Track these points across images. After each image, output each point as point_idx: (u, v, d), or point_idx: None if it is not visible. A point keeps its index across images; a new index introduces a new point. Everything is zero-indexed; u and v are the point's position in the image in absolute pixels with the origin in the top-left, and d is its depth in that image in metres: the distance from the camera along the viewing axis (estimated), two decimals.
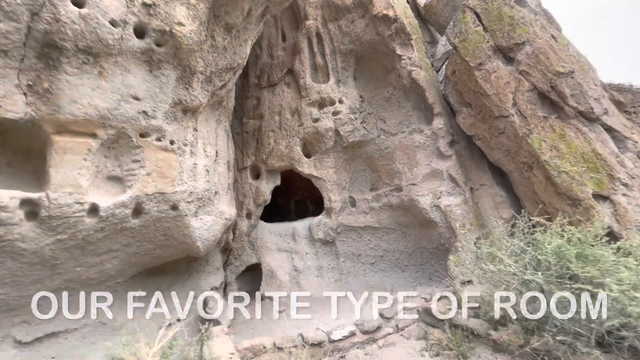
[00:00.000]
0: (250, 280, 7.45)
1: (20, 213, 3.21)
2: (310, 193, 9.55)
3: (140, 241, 4.51)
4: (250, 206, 7.08)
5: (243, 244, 7.11)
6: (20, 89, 3.08)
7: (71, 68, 3.27)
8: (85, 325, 4.53)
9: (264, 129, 7.38)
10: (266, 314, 5.57)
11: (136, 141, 3.97)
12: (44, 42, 3.06)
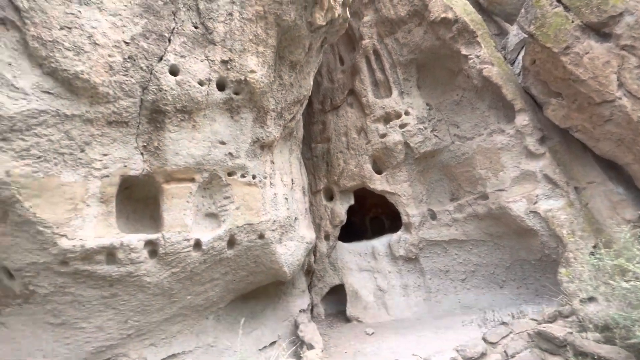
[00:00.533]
0: (336, 300, 7.50)
1: (145, 252, 3.83)
2: (384, 209, 9.35)
3: (235, 269, 4.94)
4: (327, 228, 7.23)
5: (324, 265, 7.25)
6: (138, 150, 3.75)
7: (172, 126, 3.87)
8: (198, 347, 5.07)
9: (332, 151, 7.58)
10: (356, 337, 5.51)
11: (225, 180, 4.45)
12: (152, 109, 3.69)
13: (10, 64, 2.92)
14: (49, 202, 3.22)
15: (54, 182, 3.24)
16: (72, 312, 3.81)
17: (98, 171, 3.49)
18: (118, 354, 4.44)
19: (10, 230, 3.25)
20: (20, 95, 2.96)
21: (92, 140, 3.42)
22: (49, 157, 3.20)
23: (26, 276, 3.46)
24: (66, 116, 3.21)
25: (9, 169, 2.99)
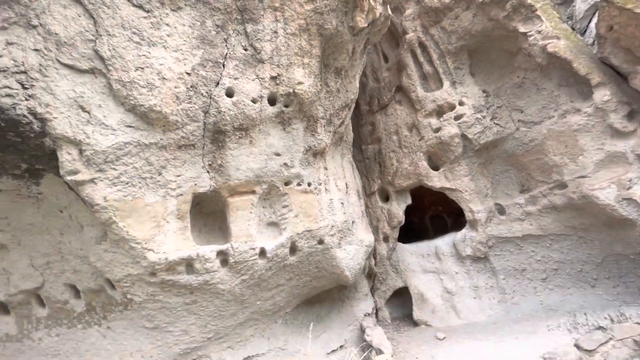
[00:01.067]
0: (400, 304, 7.30)
1: (217, 262, 4.16)
2: (445, 206, 8.88)
3: (298, 275, 5.11)
4: (385, 229, 7.10)
5: (386, 268, 7.11)
6: (205, 169, 4.11)
7: (232, 144, 4.17)
8: (270, 350, 5.33)
9: (384, 152, 7.44)
10: (426, 341, 5.29)
11: (283, 190, 4.64)
12: (214, 130, 4.02)
13: (100, 105, 3.43)
14: (137, 221, 3.69)
15: (140, 203, 3.70)
16: (162, 317, 4.28)
17: (173, 191, 3.90)
18: (201, 355, 4.86)
19: (109, 247, 3.79)
20: (110, 131, 3.45)
21: (167, 164, 3.84)
22: (135, 182, 3.67)
23: (124, 286, 3.99)
24: (145, 145, 3.65)
25: (106, 195, 3.50)
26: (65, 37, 3.20)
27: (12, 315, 4.40)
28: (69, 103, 3.26)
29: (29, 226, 3.92)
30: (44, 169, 3.52)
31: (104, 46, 3.34)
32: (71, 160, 3.34)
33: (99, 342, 4.49)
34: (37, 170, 3.53)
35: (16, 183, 3.59)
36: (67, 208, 3.79)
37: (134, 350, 4.51)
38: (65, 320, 4.39)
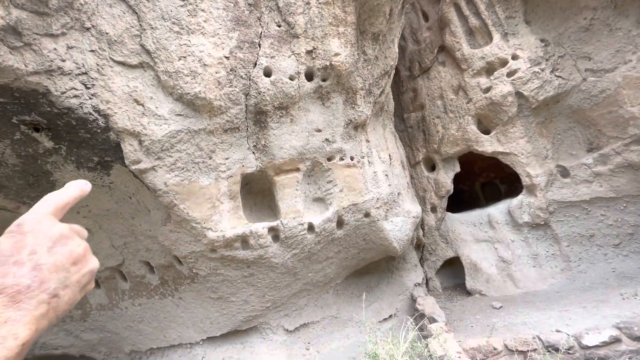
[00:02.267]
0: (451, 274, 7.17)
1: (269, 238, 4.38)
2: (497, 172, 8.32)
3: (346, 248, 5.21)
4: (432, 199, 6.88)
5: (435, 238, 6.96)
6: (250, 150, 4.25)
7: (273, 123, 4.24)
8: (323, 318, 5.62)
9: (428, 119, 7.07)
10: (481, 310, 5.18)
11: (326, 165, 4.67)
12: (255, 111, 4.11)
13: (152, 97, 3.65)
14: (195, 203, 3.98)
15: (195, 186, 3.97)
16: (224, 288, 4.69)
17: (224, 173, 4.11)
18: (262, 322, 5.28)
19: (174, 227, 4.17)
20: (162, 121, 3.69)
21: (216, 148, 4.03)
22: (189, 167, 3.92)
23: (190, 262, 4.40)
24: (195, 131, 3.85)
25: (166, 181, 3.80)
26: (115, 35, 3.40)
27: (102, 289, 5.11)
28: (125, 98, 3.52)
29: (106, 212, 4.43)
30: (112, 161, 3.90)
31: (148, 40, 3.50)
32: (133, 151, 3.64)
33: (174, 310, 5.07)
34: (106, 162, 3.91)
35: (91, 175, 4.03)
36: (135, 194, 4.19)
37: (204, 317, 5.04)
38: (144, 292, 4.99)
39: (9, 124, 3.43)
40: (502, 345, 3.32)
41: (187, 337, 5.21)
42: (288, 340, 5.34)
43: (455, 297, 6.28)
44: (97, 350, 5.76)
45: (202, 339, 5.20)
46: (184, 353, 5.38)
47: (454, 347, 3.45)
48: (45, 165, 3.88)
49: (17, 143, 3.61)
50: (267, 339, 5.28)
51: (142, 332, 5.34)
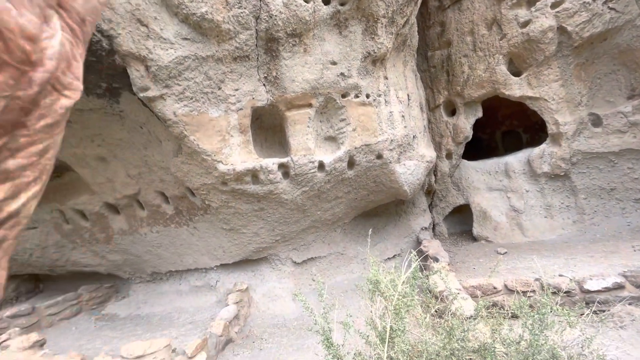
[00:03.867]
0: (459, 221, 7.23)
1: (279, 174, 4.39)
2: (522, 120, 7.86)
3: (356, 188, 5.21)
4: (449, 145, 6.64)
5: (446, 185, 6.88)
6: (261, 82, 4.04)
7: (286, 53, 3.95)
8: (330, 254, 5.87)
9: (454, 57, 6.49)
10: (485, 255, 5.29)
11: (340, 102, 4.45)
12: (266, 38, 3.81)
13: (156, 17, 3.39)
14: (205, 135, 3.93)
15: (205, 118, 3.89)
16: (236, 221, 4.86)
17: (233, 105, 3.98)
18: (272, 254, 5.57)
19: (185, 159, 4.19)
20: (168, 45, 3.47)
21: (225, 78, 3.85)
22: (198, 97, 3.79)
23: (202, 193, 4.51)
24: (202, 58, 3.64)
25: (175, 110, 3.72)
26: None
27: (122, 215, 5.39)
28: (128, 17, 3.28)
29: (118, 141, 4.46)
30: (120, 87, 3.79)
31: None
32: (140, 77, 3.51)
33: (189, 238, 5.37)
34: (115, 88, 3.81)
35: (101, 102, 3.96)
36: (146, 124, 4.16)
37: (217, 246, 5.34)
38: (161, 220, 5.25)
39: None
40: (502, 285, 3.41)
41: (202, 263, 5.60)
42: (296, 271, 5.68)
43: (460, 243, 6.40)
44: (122, 269, 6.31)
45: (216, 265, 5.58)
46: (199, 277, 5.83)
47: (454, 283, 3.58)
48: None
49: None
50: (276, 269, 5.62)
51: (161, 256, 5.75)
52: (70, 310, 5.77)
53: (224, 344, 3.89)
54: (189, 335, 4.26)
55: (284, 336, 4.09)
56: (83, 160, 4.74)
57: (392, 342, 1.87)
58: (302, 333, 4.11)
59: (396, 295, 1.89)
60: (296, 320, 4.57)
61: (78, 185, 5.29)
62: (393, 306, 1.83)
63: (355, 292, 5.18)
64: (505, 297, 3.27)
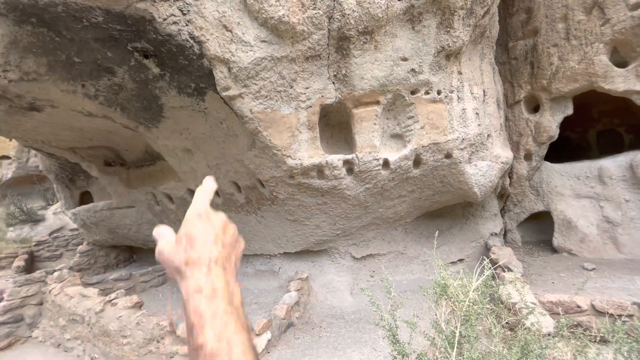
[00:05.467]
0: (535, 229, 6.56)
1: (344, 170, 4.48)
2: (624, 119, 6.75)
3: (421, 188, 5.07)
4: (529, 145, 6.03)
5: (523, 189, 6.27)
6: (330, 80, 4.15)
7: (356, 51, 3.99)
8: (390, 252, 5.83)
9: (540, 47, 5.83)
10: (567, 269, 4.73)
11: (408, 99, 4.35)
12: (338, 37, 3.89)
13: (239, 23, 3.70)
14: (277, 131, 4.19)
15: (277, 115, 4.14)
16: (300, 213, 5.11)
17: (303, 103, 4.16)
18: (331, 247, 5.73)
19: (258, 153, 4.52)
20: (248, 48, 3.77)
21: (297, 77, 4.04)
22: (272, 95, 4.05)
23: (270, 185, 4.83)
24: (277, 59, 3.87)
25: (251, 108, 4.03)
26: None
27: None
28: (215, 24, 3.64)
29: (202, 135, 4.99)
30: (206, 87, 4.23)
31: None
32: (223, 77, 3.87)
33: (256, 226, 5.79)
34: (201, 88, 4.27)
35: (190, 100, 4.48)
36: (225, 120, 4.58)
37: (281, 235, 5.67)
38: (233, 208, 5.75)
39: (125, 51, 3.89)
40: (589, 305, 3.02)
41: (267, 250, 6.01)
42: (354, 266, 5.76)
43: (536, 253, 5.82)
44: None
45: (280, 253, 5.94)
46: (264, 262, 6.27)
47: (529, 296, 3.30)
48: (154, 90, 4.41)
49: (133, 69, 4.13)
50: (335, 262, 5.77)
51: None
52: (158, 280, 6.69)
53: (286, 327, 4.17)
54: (254, 314, 4.65)
55: (342, 327, 4.22)
56: (172, 151, 5.40)
57: (460, 347, 1.84)
58: (359, 326, 4.19)
59: (467, 301, 1.84)
60: (354, 314, 4.67)
61: (167, 173, 6.06)
62: (463, 312, 1.79)
63: (416, 292, 5.07)
64: (591, 319, 2.90)
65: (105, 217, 7.15)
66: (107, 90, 4.49)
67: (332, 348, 3.62)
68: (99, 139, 5.89)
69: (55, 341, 4.63)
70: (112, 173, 6.51)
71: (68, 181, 8.05)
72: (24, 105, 4.41)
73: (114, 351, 3.76)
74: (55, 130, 5.23)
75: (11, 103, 4.35)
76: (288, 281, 5.59)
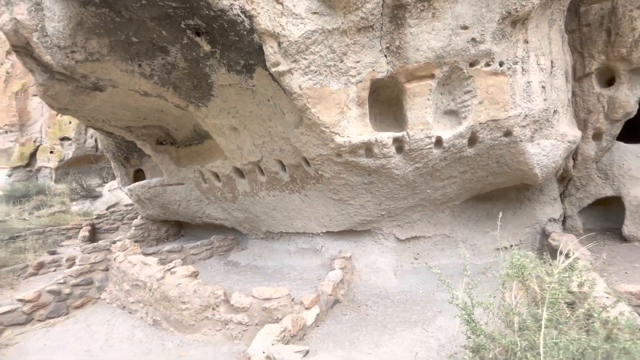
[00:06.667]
0: (600, 216, 6.00)
1: (393, 148, 4.32)
2: None
3: (474, 169, 4.78)
4: (599, 123, 5.42)
5: (589, 171, 5.70)
6: (382, 53, 3.95)
7: (412, 20, 3.74)
8: (435, 235, 5.64)
9: (620, 11, 5.11)
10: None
11: (467, 72, 4.04)
12: (393, 5, 3.65)
13: None
14: (325, 107, 4.11)
15: (326, 91, 4.04)
16: (345, 192, 5.06)
17: (353, 78, 4.02)
18: (375, 228, 5.66)
19: (305, 130, 4.47)
20: (299, 21, 3.66)
21: (347, 50, 3.88)
22: (321, 70, 3.94)
23: (316, 164, 4.80)
24: (328, 31, 3.73)
25: (300, 84, 3.96)
26: None
27: (246, 179, 6.18)
28: None
29: (249, 113, 5.04)
30: (255, 64, 4.21)
31: None
32: (273, 53, 3.82)
33: (300, 204, 5.85)
34: (250, 65, 4.26)
35: (238, 78, 4.50)
36: (272, 98, 4.56)
37: (325, 214, 5.68)
38: (277, 186, 5.83)
39: (178, 29, 3.95)
40: None
41: (310, 228, 6.07)
42: (398, 247, 5.66)
43: (602, 242, 5.33)
44: (243, 226, 7.34)
45: (322, 232, 5.98)
46: (306, 240, 6.36)
47: (600, 286, 3.03)
48: (204, 68, 4.48)
49: (185, 47, 4.19)
50: (378, 243, 5.71)
51: (275, 218, 6.46)
52: (206, 253, 7.06)
53: (333, 303, 4.22)
54: (300, 289, 4.76)
55: (388, 307, 4.20)
56: (220, 130, 5.53)
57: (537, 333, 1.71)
58: (406, 307, 4.13)
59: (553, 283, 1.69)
60: (399, 295, 4.62)
61: (214, 151, 6.25)
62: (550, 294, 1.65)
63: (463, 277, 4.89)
64: None
65: (158, 193, 7.61)
66: (160, 69, 4.62)
67: (381, 326, 3.61)
68: (152, 119, 6.17)
69: (120, 303, 5.08)
70: (163, 151, 6.85)
71: (123, 159, 8.62)
72: (89, 85, 4.69)
73: (174, 315, 4.05)
74: (115, 110, 5.54)
75: (78, 83, 4.64)
76: (330, 259, 5.64)
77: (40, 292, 4.79)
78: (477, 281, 2.33)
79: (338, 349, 3.07)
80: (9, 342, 4.22)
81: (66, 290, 5.06)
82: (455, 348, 2.81)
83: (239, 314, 3.75)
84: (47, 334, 4.44)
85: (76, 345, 4.05)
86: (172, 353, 3.65)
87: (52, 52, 4.09)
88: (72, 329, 4.54)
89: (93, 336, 4.26)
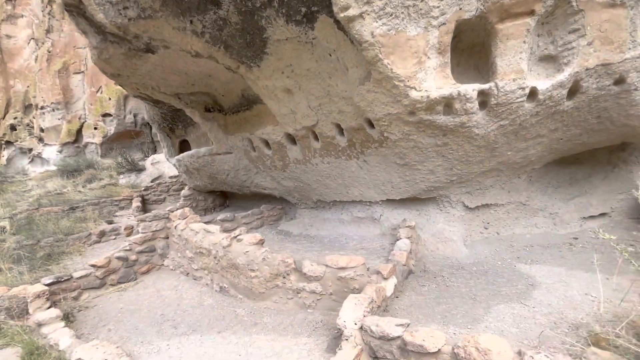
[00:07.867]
0: None
1: (476, 103, 3.78)
2: None
3: (567, 126, 4.15)
4: None
5: None
6: None
7: None
8: (509, 203, 5.13)
9: None
10: None
11: (576, 5, 3.34)
12: None
13: None
14: (400, 57, 3.60)
15: (402, 37, 3.51)
16: (413, 156, 4.62)
17: (435, 19, 3.45)
18: (442, 195, 5.23)
19: (372, 87, 4.01)
20: None
21: None
22: (398, 12, 3.40)
23: (383, 124, 4.36)
24: None
25: (373, 30, 3.45)
26: None
27: (298, 145, 5.88)
28: None
29: (306, 72, 4.62)
30: (318, 11, 3.74)
31: None
32: None
33: (357, 171, 5.50)
34: (313, 12, 3.79)
35: (297, 29, 4.05)
36: (335, 51, 4.10)
37: (386, 181, 5.31)
38: (332, 152, 5.49)
39: None
40: None
41: (368, 196, 5.75)
42: (466, 216, 5.23)
43: None
44: (292, 195, 7.16)
45: (382, 200, 5.64)
46: (362, 209, 6.07)
47: None
48: (260, 21, 4.06)
49: None
50: (444, 211, 5.30)
51: (328, 186, 6.18)
52: (256, 223, 7.02)
53: (407, 274, 3.96)
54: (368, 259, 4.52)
55: (468, 278, 3.87)
56: (272, 93, 5.18)
57: None
58: (488, 279, 3.78)
59: None
60: (474, 266, 4.26)
61: (264, 117, 5.96)
62: None
63: (547, 248, 4.43)
64: None
65: (207, 163, 7.55)
66: (212, 26, 4.27)
67: (470, 299, 3.30)
68: (200, 84, 5.94)
69: (184, 270, 5.14)
70: (211, 119, 6.66)
71: (169, 130, 8.61)
72: (141, 47, 4.46)
73: (242, 283, 3.97)
74: (165, 75, 5.33)
75: (130, 45, 4.42)
76: (391, 229, 5.34)
77: (110, 258, 4.93)
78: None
79: (430, 322, 2.82)
80: (88, 305, 4.40)
81: (132, 256, 5.19)
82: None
83: (312, 283, 3.58)
84: (121, 297, 4.58)
85: (150, 309, 4.13)
86: (245, 320, 3.59)
87: (104, 9, 3.85)
88: (143, 293, 4.66)
89: (164, 301, 4.33)
